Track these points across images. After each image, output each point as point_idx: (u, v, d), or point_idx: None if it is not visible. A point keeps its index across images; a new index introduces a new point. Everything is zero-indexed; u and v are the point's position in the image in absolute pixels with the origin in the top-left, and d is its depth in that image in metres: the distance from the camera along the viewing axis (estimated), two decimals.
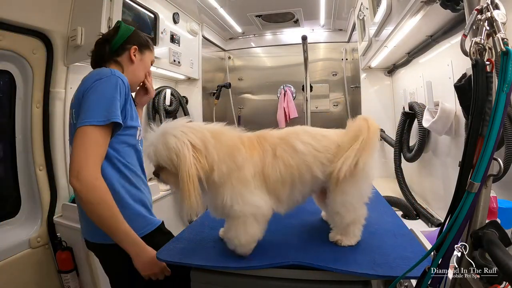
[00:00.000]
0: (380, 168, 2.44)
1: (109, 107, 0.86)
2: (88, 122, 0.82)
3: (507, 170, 0.85)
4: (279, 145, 0.75)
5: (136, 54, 1.06)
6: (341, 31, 2.93)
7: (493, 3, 0.48)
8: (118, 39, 1.03)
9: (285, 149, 0.74)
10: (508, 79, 0.44)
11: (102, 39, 1.05)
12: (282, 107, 2.94)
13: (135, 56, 1.06)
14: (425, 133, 1.51)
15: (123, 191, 0.94)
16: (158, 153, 0.67)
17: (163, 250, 0.80)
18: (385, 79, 2.42)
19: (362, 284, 0.70)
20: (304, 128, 0.81)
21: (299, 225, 0.95)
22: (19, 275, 1.27)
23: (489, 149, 0.46)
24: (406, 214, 1.57)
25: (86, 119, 0.83)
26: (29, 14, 1.29)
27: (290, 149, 0.74)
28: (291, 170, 0.73)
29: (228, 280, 0.76)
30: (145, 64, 1.11)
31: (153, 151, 0.68)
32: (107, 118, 0.84)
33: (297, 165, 0.73)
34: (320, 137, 0.77)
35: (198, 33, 2.53)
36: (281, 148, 0.74)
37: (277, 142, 0.75)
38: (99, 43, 1.06)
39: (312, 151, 0.74)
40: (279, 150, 0.74)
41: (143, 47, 1.09)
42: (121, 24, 1.05)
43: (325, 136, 0.78)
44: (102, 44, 1.04)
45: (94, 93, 0.87)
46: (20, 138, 1.41)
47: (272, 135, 0.78)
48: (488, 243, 0.48)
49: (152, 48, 1.14)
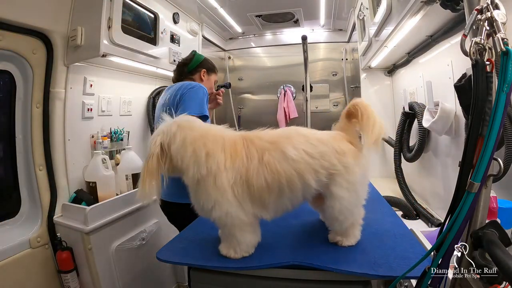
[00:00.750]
0: (380, 168, 2.44)
1: (201, 105, 1.28)
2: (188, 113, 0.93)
3: (507, 170, 0.85)
4: (268, 150, 0.71)
5: (205, 75, 1.52)
6: (341, 31, 2.92)
7: (493, 3, 0.48)
8: (193, 63, 1.50)
9: (274, 155, 0.71)
10: (508, 79, 0.44)
11: (182, 63, 1.54)
12: (282, 107, 2.94)
13: (204, 76, 1.52)
14: (425, 133, 1.51)
15: None
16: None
17: (164, 250, 0.80)
18: (385, 79, 2.42)
19: (362, 284, 0.70)
20: (298, 130, 0.77)
21: (299, 225, 0.95)
22: (19, 275, 1.27)
23: (489, 149, 0.46)
24: (406, 214, 1.57)
25: (187, 111, 1.08)
26: (29, 14, 1.28)
27: (279, 155, 0.71)
28: (279, 178, 0.70)
29: (228, 280, 0.76)
30: (210, 82, 1.55)
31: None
32: (200, 112, 1.25)
33: (285, 172, 0.70)
34: (316, 141, 0.74)
35: (198, 33, 2.53)
36: (269, 153, 0.71)
37: (266, 147, 0.72)
38: (180, 65, 1.54)
39: (305, 158, 0.71)
40: (266, 155, 0.71)
41: (210, 70, 1.55)
42: (195, 53, 1.55)
43: (321, 141, 0.75)
44: (182, 66, 1.52)
45: (191, 95, 1.28)
46: (20, 138, 1.41)
47: (262, 137, 0.75)
48: (488, 243, 0.48)
49: (216, 72, 1.61)
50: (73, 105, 1.57)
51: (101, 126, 1.76)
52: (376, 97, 2.45)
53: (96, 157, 1.54)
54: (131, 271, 1.56)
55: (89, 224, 1.34)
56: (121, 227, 1.52)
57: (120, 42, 1.54)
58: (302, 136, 0.75)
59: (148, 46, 1.83)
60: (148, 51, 1.82)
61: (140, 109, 2.12)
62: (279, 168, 0.70)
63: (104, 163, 1.55)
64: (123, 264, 1.50)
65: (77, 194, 1.50)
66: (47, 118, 1.44)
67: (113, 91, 1.85)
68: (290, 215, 1.03)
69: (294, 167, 0.71)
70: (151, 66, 1.91)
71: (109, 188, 1.55)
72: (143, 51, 1.77)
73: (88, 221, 1.34)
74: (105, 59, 1.55)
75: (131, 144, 1.90)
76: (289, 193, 0.73)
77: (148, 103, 2.15)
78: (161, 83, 2.35)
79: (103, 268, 1.41)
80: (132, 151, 1.76)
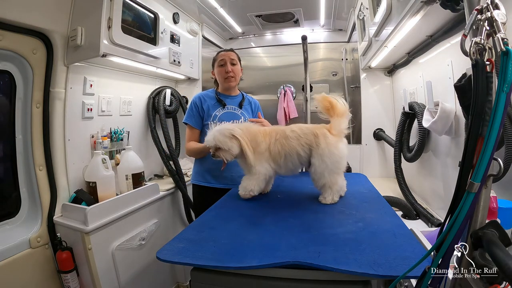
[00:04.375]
0: (380, 168, 2.44)
1: (187, 114, 1.68)
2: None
3: (507, 170, 0.85)
4: (278, 133, 1.20)
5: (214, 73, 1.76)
6: (341, 31, 2.92)
7: (493, 3, 0.48)
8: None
9: (281, 135, 1.19)
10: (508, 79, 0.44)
11: None
12: (282, 107, 2.94)
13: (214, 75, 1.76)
14: (425, 133, 1.51)
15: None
16: (217, 140, 1.16)
17: (164, 250, 0.80)
18: (385, 79, 2.42)
19: (362, 284, 0.70)
20: (296, 124, 1.24)
21: (299, 225, 0.95)
22: (19, 275, 1.27)
23: (489, 149, 0.46)
24: (406, 214, 1.57)
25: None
26: (29, 14, 1.28)
27: (283, 136, 1.18)
28: (284, 148, 1.17)
29: (228, 280, 0.76)
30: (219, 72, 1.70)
31: (214, 139, 1.17)
32: (185, 119, 1.67)
33: (288, 145, 1.16)
34: (303, 128, 1.19)
35: (198, 33, 2.53)
36: (279, 135, 1.19)
37: (278, 132, 1.21)
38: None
39: (297, 136, 1.16)
40: (278, 136, 1.19)
41: (212, 66, 1.74)
42: None
43: (306, 128, 1.19)
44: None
45: None
46: (20, 138, 1.41)
47: (275, 129, 1.25)
48: (488, 243, 0.48)
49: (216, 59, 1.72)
50: (73, 105, 1.57)
51: (101, 126, 1.76)
52: (376, 97, 2.45)
53: (96, 157, 1.54)
54: (131, 271, 1.56)
55: (89, 224, 1.34)
56: (121, 227, 1.52)
57: (120, 42, 1.54)
58: (296, 125, 1.22)
59: (148, 46, 1.83)
60: (148, 51, 1.82)
61: (140, 109, 2.12)
62: (284, 142, 1.17)
63: (104, 163, 1.55)
64: (123, 264, 1.50)
65: (77, 194, 1.50)
66: (47, 118, 1.44)
67: (113, 91, 1.85)
68: (290, 215, 1.03)
69: (290, 142, 1.16)
70: (151, 66, 1.91)
71: (109, 188, 1.55)
72: (143, 51, 1.77)
73: (88, 221, 1.34)
74: (105, 59, 1.55)
75: (131, 144, 1.90)
76: (290, 157, 1.17)
77: (148, 103, 2.15)
78: (161, 83, 2.35)
79: (103, 268, 1.41)
80: (132, 151, 1.76)
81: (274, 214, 1.06)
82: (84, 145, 1.65)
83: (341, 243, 0.80)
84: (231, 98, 1.71)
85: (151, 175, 2.25)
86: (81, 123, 1.63)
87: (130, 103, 1.99)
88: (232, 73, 1.65)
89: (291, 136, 1.16)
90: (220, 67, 1.65)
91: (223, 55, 1.66)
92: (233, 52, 1.71)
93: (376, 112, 2.45)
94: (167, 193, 1.95)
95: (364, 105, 2.50)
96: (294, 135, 1.16)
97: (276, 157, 1.18)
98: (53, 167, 1.46)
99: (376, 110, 2.45)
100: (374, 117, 2.45)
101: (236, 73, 1.67)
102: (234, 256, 0.75)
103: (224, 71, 1.63)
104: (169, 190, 1.98)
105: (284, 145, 1.16)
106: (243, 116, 1.68)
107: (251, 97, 1.82)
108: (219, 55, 1.68)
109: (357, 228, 0.90)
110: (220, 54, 1.68)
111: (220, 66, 1.65)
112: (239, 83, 1.75)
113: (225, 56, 1.65)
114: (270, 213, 1.07)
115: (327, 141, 1.13)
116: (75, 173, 1.57)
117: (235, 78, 1.67)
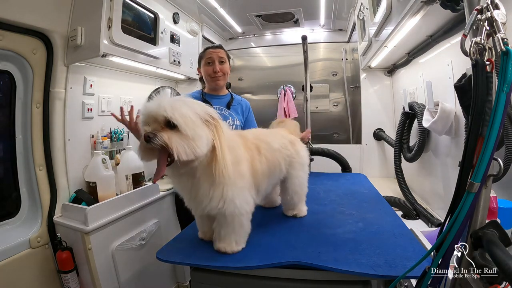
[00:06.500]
0: (380, 168, 2.44)
1: None
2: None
3: (507, 170, 0.85)
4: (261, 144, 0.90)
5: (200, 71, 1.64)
6: (341, 31, 2.92)
7: (493, 3, 0.48)
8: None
9: (266, 148, 0.90)
10: (508, 79, 0.44)
11: None
12: (282, 107, 2.94)
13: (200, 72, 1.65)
14: (425, 133, 1.51)
15: None
16: (175, 110, 0.67)
17: (164, 250, 0.80)
18: (385, 79, 2.42)
19: (362, 284, 0.70)
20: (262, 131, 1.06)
21: (299, 225, 0.95)
22: (19, 275, 1.27)
23: (489, 149, 0.46)
24: (406, 214, 1.57)
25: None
26: (29, 14, 1.28)
27: (268, 147, 0.91)
28: (269, 164, 0.90)
29: (228, 280, 0.76)
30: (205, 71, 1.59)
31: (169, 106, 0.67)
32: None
33: (272, 159, 0.91)
34: (281, 137, 1.00)
35: (198, 33, 2.53)
36: (263, 147, 0.89)
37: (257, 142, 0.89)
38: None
39: (281, 149, 0.96)
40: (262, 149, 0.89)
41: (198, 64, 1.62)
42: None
43: (284, 137, 1.03)
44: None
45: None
46: (20, 138, 1.41)
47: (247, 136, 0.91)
48: (488, 243, 0.48)
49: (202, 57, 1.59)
50: (73, 105, 1.56)
51: (101, 126, 1.76)
52: (376, 97, 2.45)
53: (96, 157, 1.54)
54: (131, 271, 1.56)
55: (89, 224, 1.34)
56: (121, 227, 1.52)
57: (120, 42, 1.54)
58: (271, 134, 1.01)
59: (148, 46, 1.83)
60: (148, 51, 1.82)
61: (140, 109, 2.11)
62: (270, 157, 0.90)
63: (104, 163, 1.55)
64: (123, 264, 1.50)
65: (77, 194, 1.50)
66: (47, 118, 1.44)
67: (113, 91, 1.85)
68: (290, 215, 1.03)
69: (276, 156, 0.93)
70: (151, 66, 1.91)
71: (109, 188, 1.55)
72: (143, 51, 1.77)
73: (88, 221, 1.33)
74: (105, 59, 1.55)
75: (131, 144, 1.89)
76: (272, 177, 0.94)
77: None
78: (161, 83, 2.35)
79: (103, 268, 1.41)
80: (132, 151, 1.76)
81: (274, 214, 1.06)
82: (84, 145, 1.65)
83: (341, 243, 0.80)
84: (218, 98, 1.61)
85: (151, 175, 2.24)
86: (81, 123, 1.63)
87: (130, 103, 1.99)
88: (221, 72, 1.53)
89: (277, 148, 0.95)
90: (208, 66, 1.53)
91: (211, 52, 1.53)
92: (222, 49, 1.58)
93: (376, 112, 2.45)
94: (167, 193, 1.95)
95: (364, 105, 2.50)
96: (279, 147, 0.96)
97: (260, 180, 0.86)
98: (53, 167, 1.46)
99: (376, 110, 2.45)
100: (374, 117, 2.45)
101: (224, 72, 1.55)
102: (234, 256, 0.75)
103: (212, 70, 1.52)
104: (169, 190, 1.97)
105: (269, 160, 0.89)
106: (231, 116, 1.57)
107: (241, 97, 1.72)
108: (206, 53, 1.55)
109: (357, 228, 0.90)
110: (208, 52, 1.54)
111: (208, 65, 1.53)
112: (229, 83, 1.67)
113: (213, 53, 1.52)
114: (270, 213, 1.07)
115: (302, 146, 1.07)
116: (75, 173, 1.57)
117: (223, 78, 1.56)
